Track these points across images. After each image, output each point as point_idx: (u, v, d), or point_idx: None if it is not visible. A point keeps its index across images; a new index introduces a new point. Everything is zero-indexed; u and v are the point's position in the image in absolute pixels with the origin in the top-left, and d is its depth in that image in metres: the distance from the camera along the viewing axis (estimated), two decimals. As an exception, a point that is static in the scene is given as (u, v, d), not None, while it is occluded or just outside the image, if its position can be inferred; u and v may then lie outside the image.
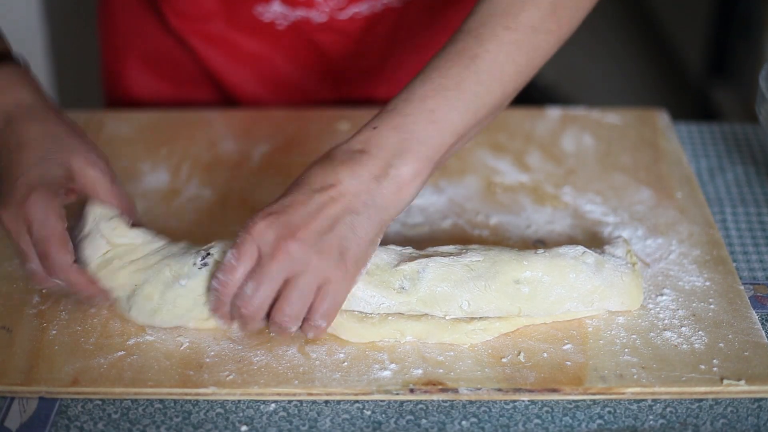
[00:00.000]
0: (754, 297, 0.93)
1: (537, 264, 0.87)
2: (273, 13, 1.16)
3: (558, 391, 0.83)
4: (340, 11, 1.16)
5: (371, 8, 1.17)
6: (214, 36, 1.21)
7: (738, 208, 1.06)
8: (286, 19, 1.17)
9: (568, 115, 1.20)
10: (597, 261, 0.88)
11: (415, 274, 0.86)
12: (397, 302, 0.86)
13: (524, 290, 0.87)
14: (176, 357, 0.85)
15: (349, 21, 1.17)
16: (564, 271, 0.87)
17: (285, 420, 0.82)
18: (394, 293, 0.86)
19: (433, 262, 0.87)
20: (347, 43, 1.20)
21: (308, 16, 1.16)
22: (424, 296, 0.86)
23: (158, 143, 1.15)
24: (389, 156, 0.83)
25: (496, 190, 1.07)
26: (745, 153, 1.15)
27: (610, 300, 0.88)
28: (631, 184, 1.08)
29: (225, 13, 1.18)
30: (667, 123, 1.18)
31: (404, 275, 0.86)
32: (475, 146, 1.14)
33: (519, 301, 0.87)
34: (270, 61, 1.22)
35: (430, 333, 0.86)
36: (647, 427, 0.81)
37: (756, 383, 0.83)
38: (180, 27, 1.21)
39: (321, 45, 1.20)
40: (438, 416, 0.82)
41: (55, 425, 0.81)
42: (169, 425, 0.81)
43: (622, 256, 0.90)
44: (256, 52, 1.22)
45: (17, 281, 0.93)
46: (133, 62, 1.28)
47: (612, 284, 0.88)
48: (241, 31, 1.19)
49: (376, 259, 0.87)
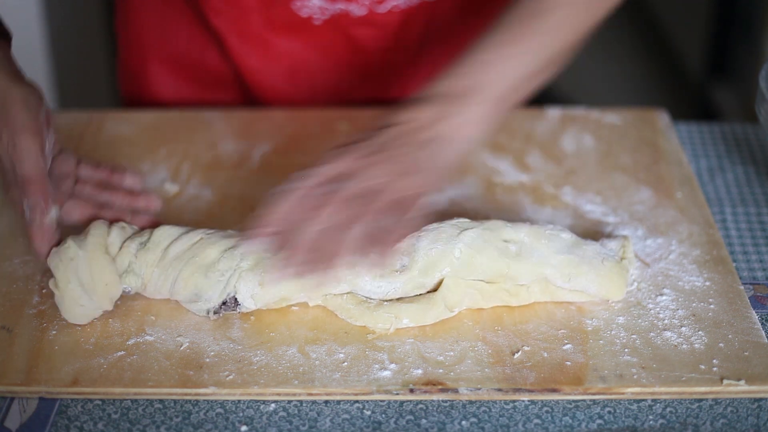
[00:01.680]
0: (754, 297, 0.93)
1: (520, 228, 0.92)
2: (311, 7, 1.16)
3: (558, 391, 0.83)
4: (379, 4, 1.17)
5: (408, 2, 1.18)
6: (251, 34, 1.21)
7: (738, 208, 1.06)
8: (324, 14, 1.17)
9: (568, 115, 1.20)
10: (575, 240, 0.92)
11: (411, 247, 0.89)
12: (402, 282, 0.89)
13: (512, 248, 0.90)
14: (176, 357, 0.85)
15: (387, 14, 1.18)
16: (540, 235, 0.91)
17: (285, 420, 0.82)
18: (397, 275, 0.88)
19: (424, 232, 0.90)
20: (384, 38, 1.21)
21: (348, 9, 1.17)
22: (423, 265, 0.89)
23: (158, 143, 1.15)
24: (462, 99, 0.89)
25: (496, 191, 1.07)
26: (745, 153, 1.15)
27: (587, 278, 0.90)
28: (631, 184, 1.08)
29: (263, 9, 1.18)
30: (667, 123, 1.18)
31: (402, 252, 0.89)
32: (475, 146, 1.14)
33: (508, 257, 0.89)
34: (305, 59, 1.23)
35: (426, 313, 0.88)
36: (647, 427, 0.81)
37: (756, 383, 0.83)
38: (219, 25, 1.21)
39: (358, 40, 1.21)
40: (438, 416, 0.82)
41: (55, 425, 0.81)
42: (169, 425, 0.81)
43: (614, 249, 0.93)
44: (292, 50, 1.22)
45: (17, 281, 0.94)
46: (158, 63, 1.28)
47: (590, 264, 0.90)
48: (278, 29, 1.20)
49: None
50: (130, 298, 0.91)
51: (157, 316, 0.90)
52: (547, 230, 0.92)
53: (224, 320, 0.89)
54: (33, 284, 0.93)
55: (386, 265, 0.87)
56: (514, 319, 0.90)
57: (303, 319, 0.89)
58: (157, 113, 1.21)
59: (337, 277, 0.86)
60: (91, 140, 1.15)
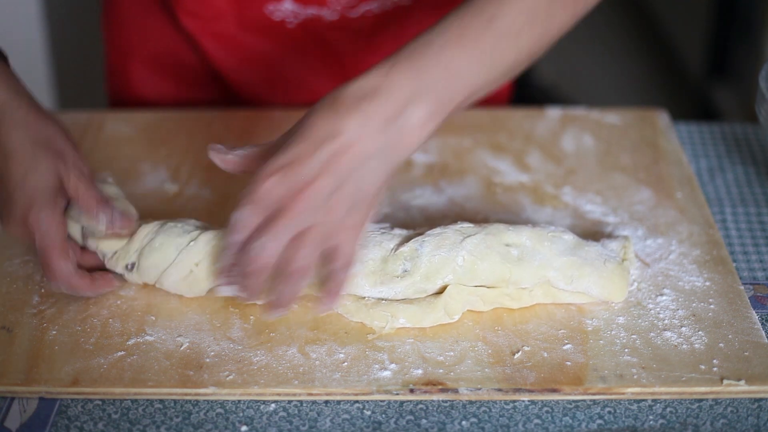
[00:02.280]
0: (754, 297, 0.93)
1: (522, 231, 0.91)
2: (284, 11, 1.16)
3: (558, 391, 0.83)
4: (351, 9, 1.16)
5: (382, 6, 1.17)
6: (225, 35, 1.21)
7: (738, 208, 1.06)
8: (296, 18, 1.17)
9: (568, 115, 1.20)
10: (576, 241, 0.91)
11: (414, 252, 0.88)
12: (403, 287, 0.88)
13: (514, 252, 0.89)
14: (176, 357, 0.85)
15: (359, 19, 1.18)
16: (542, 237, 0.91)
17: (285, 420, 0.82)
18: (398, 280, 0.88)
19: (428, 237, 0.89)
20: (357, 42, 1.21)
21: (320, 14, 1.16)
22: (425, 271, 0.88)
23: (158, 143, 1.15)
24: (401, 101, 0.82)
25: (496, 191, 1.07)
26: (745, 153, 1.15)
27: (589, 280, 0.89)
28: (631, 184, 1.08)
29: (236, 12, 1.18)
30: (667, 123, 1.18)
31: (404, 257, 0.88)
32: (475, 146, 1.14)
33: (510, 262, 0.89)
34: (279, 60, 1.23)
35: (425, 316, 0.88)
36: (647, 427, 0.81)
37: (756, 383, 0.83)
38: (191, 27, 1.21)
39: (331, 43, 1.20)
40: (438, 416, 0.82)
41: (55, 425, 0.81)
42: (169, 425, 0.81)
43: (615, 250, 0.93)
44: (266, 52, 1.22)
45: (17, 281, 0.94)
46: (139, 62, 1.28)
47: (592, 266, 0.90)
48: (252, 31, 1.20)
49: (379, 253, 0.89)
50: (131, 298, 0.91)
51: (157, 316, 0.90)
52: (549, 232, 0.91)
53: (224, 320, 0.89)
54: (33, 284, 0.93)
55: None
56: (514, 320, 0.90)
57: (303, 319, 0.89)
58: (158, 113, 1.21)
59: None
60: (91, 140, 1.15)
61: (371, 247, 0.89)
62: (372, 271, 0.89)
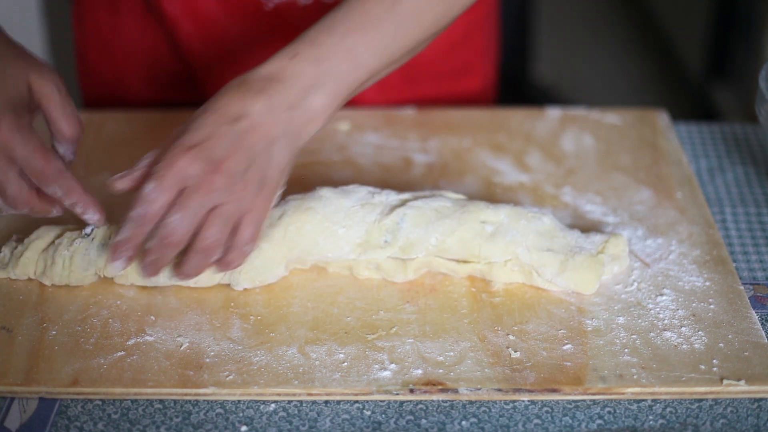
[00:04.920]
0: (754, 297, 0.93)
1: (501, 208, 0.94)
2: None
3: (558, 391, 0.83)
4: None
5: None
6: (205, 17, 1.20)
7: (738, 208, 1.06)
8: (272, 1, 1.17)
9: (568, 116, 1.20)
10: (554, 225, 0.94)
11: (395, 226, 0.93)
12: (383, 255, 0.93)
13: (488, 228, 0.93)
14: (176, 357, 0.85)
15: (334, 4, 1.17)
16: (520, 216, 0.93)
17: (285, 420, 0.82)
18: (380, 250, 0.93)
19: (409, 209, 0.93)
20: None
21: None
22: (402, 244, 0.92)
23: (158, 143, 1.15)
24: (304, 87, 0.86)
25: (495, 191, 1.07)
26: (745, 153, 1.15)
27: (553, 268, 0.91)
28: (631, 184, 1.08)
29: None
30: (667, 123, 1.18)
31: (387, 229, 0.93)
32: (475, 146, 1.14)
33: (482, 238, 0.92)
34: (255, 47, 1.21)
35: (397, 271, 0.93)
36: (647, 427, 0.81)
37: (756, 383, 0.83)
38: (171, 9, 1.20)
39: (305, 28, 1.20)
40: (438, 416, 0.82)
41: (55, 425, 0.81)
42: (169, 425, 0.81)
43: (596, 243, 0.94)
44: (243, 36, 1.21)
45: (17, 281, 0.94)
46: (110, 59, 1.27)
47: (564, 255, 0.92)
48: (230, 9, 1.19)
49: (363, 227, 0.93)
50: (131, 299, 0.91)
51: (157, 316, 0.90)
52: (529, 212, 0.94)
53: (224, 320, 0.89)
54: (33, 284, 0.93)
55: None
56: (514, 319, 0.90)
57: (303, 319, 0.89)
58: (157, 113, 1.21)
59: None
60: (91, 140, 1.15)
61: (356, 222, 0.93)
62: (358, 243, 0.93)
